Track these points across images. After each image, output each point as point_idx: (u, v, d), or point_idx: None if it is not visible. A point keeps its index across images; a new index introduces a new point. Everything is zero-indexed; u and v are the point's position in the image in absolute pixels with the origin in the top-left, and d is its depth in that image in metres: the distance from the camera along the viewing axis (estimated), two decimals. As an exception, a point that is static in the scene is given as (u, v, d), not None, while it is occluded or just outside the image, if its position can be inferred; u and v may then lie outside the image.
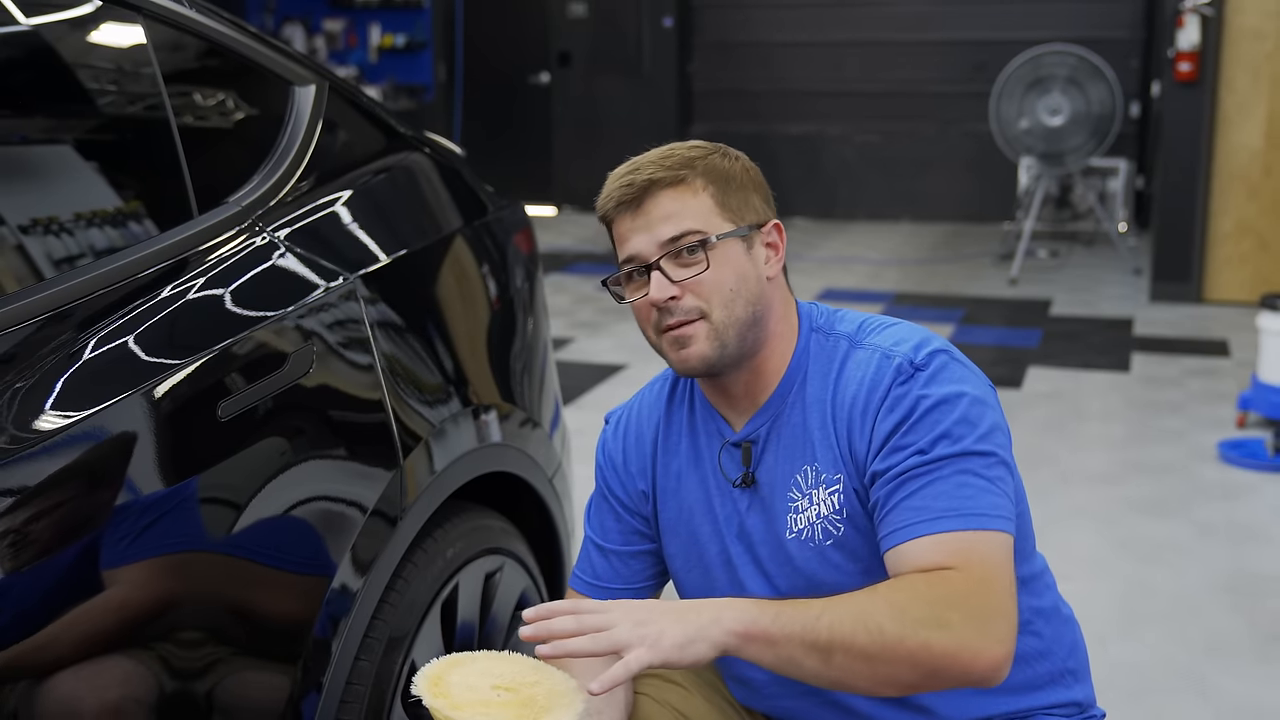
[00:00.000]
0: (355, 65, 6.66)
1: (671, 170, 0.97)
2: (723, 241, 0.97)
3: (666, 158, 0.98)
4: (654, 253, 0.97)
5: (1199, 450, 3.00)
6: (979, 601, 0.88)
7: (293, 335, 1.12)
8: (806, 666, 0.86)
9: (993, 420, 0.96)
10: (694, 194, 0.98)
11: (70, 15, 1.13)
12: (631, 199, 0.97)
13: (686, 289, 0.97)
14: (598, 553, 1.10)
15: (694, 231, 0.97)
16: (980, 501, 0.91)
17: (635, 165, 0.99)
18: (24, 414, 0.89)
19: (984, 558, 0.90)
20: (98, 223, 1.08)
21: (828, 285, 5.02)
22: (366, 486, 1.17)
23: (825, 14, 6.42)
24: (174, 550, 0.96)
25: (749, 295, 0.98)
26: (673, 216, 0.97)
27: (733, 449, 1.03)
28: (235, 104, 1.33)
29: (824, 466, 0.98)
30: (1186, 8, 4.37)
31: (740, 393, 1.02)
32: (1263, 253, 4.51)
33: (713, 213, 0.98)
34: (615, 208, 0.98)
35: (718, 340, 0.97)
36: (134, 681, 0.92)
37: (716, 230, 0.97)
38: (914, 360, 0.96)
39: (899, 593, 0.88)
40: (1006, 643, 0.88)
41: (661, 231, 0.97)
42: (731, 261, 0.98)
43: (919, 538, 0.91)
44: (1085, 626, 1.23)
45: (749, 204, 1.01)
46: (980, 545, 0.90)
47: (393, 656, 1.19)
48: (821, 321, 1.04)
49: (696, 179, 0.98)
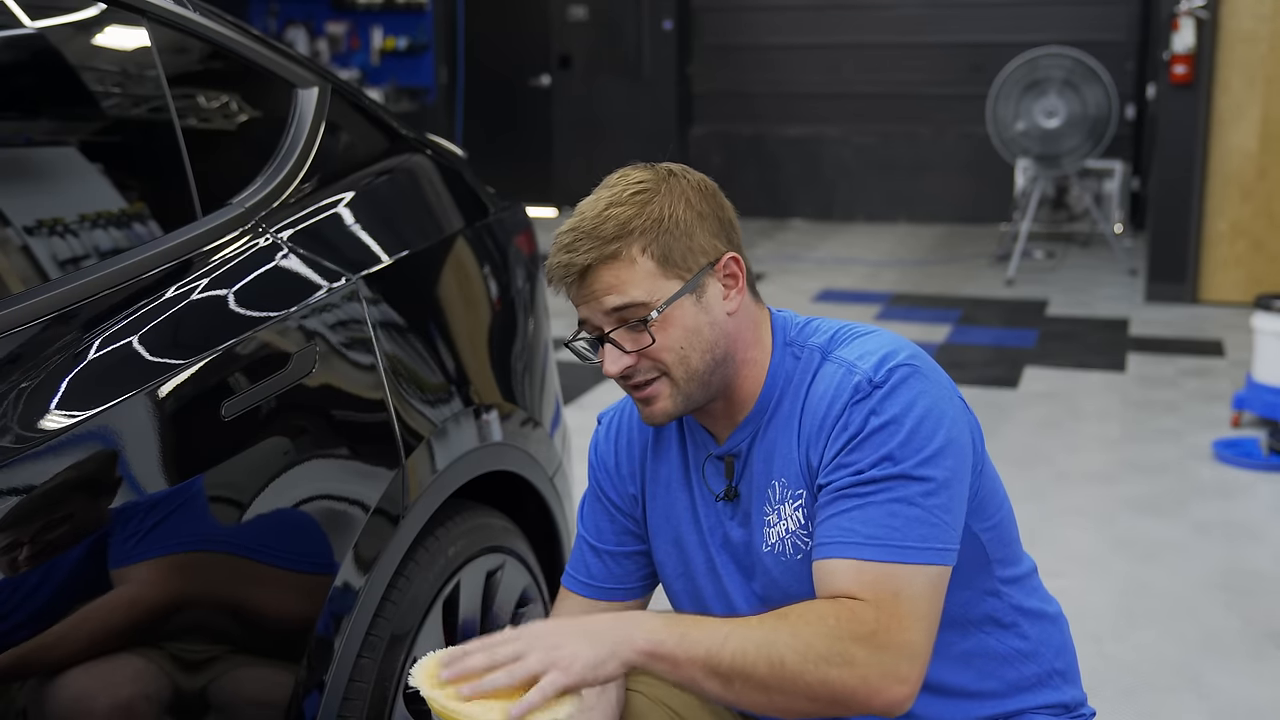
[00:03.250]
0: (357, 68, 6.67)
1: (605, 245, 0.95)
2: (669, 306, 0.96)
3: (602, 224, 0.95)
4: (605, 323, 0.97)
5: (1194, 450, 3.01)
6: (886, 638, 0.88)
7: (295, 335, 1.13)
8: (707, 688, 0.88)
9: (944, 439, 0.94)
10: (631, 264, 0.95)
11: (75, 18, 1.14)
12: (574, 278, 0.97)
13: (641, 356, 0.97)
14: (591, 552, 1.11)
15: (637, 304, 0.95)
16: (909, 532, 0.91)
17: (573, 237, 0.96)
18: (30, 413, 0.90)
19: (898, 592, 0.90)
20: (102, 224, 1.08)
21: (826, 286, 5.03)
22: (369, 485, 1.17)
23: (824, 17, 6.43)
24: (178, 549, 0.97)
25: (704, 346, 0.98)
26: (614, 289, 0.96)
27: (716, 462, 1.03)
28: (239, 106, 1.34)
29: (790, 482, 0.99)
30: (1181, 11, 4.39)
31: (719, 413, 1.03)
32: (1257, 254, 4.53)
33: (655, 276, 0.96)
34: (560, 284, 0.98)
35: (680, 394, 0.98)
36: (144, 679, 0.93)
37: (662, 295, 0.96)
38: (873, 378, 0.95)
39: (807, 625, 0.88)
40: (909, 681, 0.88)
41: (607, 302, 0.96)
42: (679, 323, 0.96)
43: (841, 559, 0.91)
44: (1080, 625, 1.24)
45: (695, 249, 0.97)
46: (897, 578, 0.90)
47: (395, 654, 1.19)
48: (794, 334, 1.03)
49: (632, 247, 0.95)
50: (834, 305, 4.68)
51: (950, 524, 0.93)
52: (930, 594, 0.91)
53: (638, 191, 0.97)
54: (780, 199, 6.64)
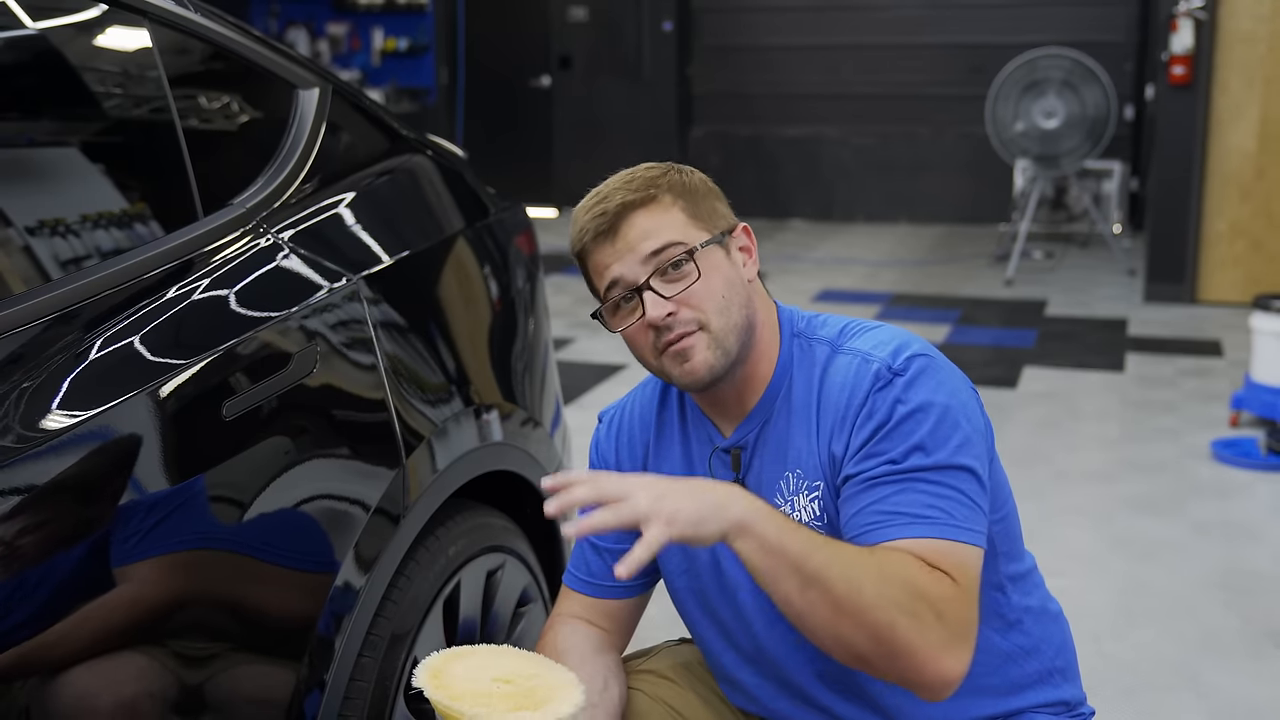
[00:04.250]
0: (358, 68, 6.67)
1: (639, 191, 0.97)
2: (705, 250, 0.97)
3: (630, 181, 0.99)
4: (641, 273, 0.97)
5: (1193, 449, 3.02)
6: (959, 614, 0.88)
7: (296, 335, 1.13)
8: (783, 584, 0.87)
9: (968, 430, 0.94)
10: (666, 209, 0.97)
11: (76, 19, 1.14)
12: (607, 227, 0.97)
13: (680, 303, 0.97)
14: (592, 551, 1.11)
15: (676, 243, 0.96)
16: (956, 513, 0.91)
17: (601, 194, 0.98)
18: (31, 413, 0.90)
19: (967, 571, 0.90)
20: (104, 224, 1.09)
21: (825, 286, 5.03)
22: (369, 485, 1.18)
23: (823, 18, 6.44)
24: (180, 548, 0.97)
25: (740, 300, 0.99)
26: (651, 233, 0.96)
27: (723, 455, 1.03)
28: (240, 107, 1.34)
29: (805, 473, 0.98)
30: (1180, 11, 4.39)
31: (730, 400, 1.02)
32: (1255, 254, 4.54)
33: (688, 225, 0.98)
34: (592, 239, 0.98)
35: (719, 348, 0.97)
36: (146, 677, 0.93)
37: (696, 240, 0.98)
38: (892, 366, 0.95)
39: (894, 568, 0.88)
40: (965, 665, 0.88)
41: (643, 249, 0.96)
42: (718, 268, 0.98)
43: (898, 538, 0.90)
44: (1079, 624, 1.24)
45: (717, 212, 1.01)
46: (962, 554, 0.90)
47: (395, 654, 1.20)
48: (802, 326, 1.04)
49: (665, 195, 0.98)
50: (834, 305, 4.68)
51: (983, 510, 0.94)
52: (978, 576, 0.91)
53: (652, 167, 1.02)
54: (780, 199, 6.64)
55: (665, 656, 1.15)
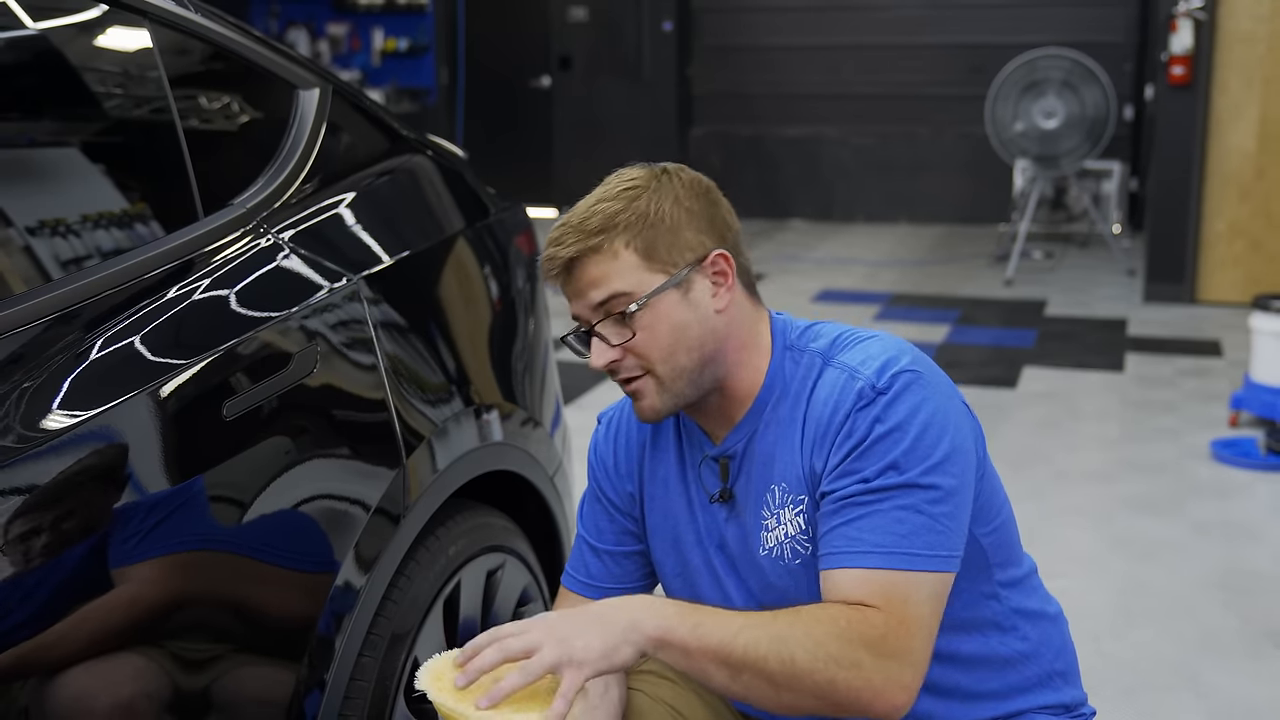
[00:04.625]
0: (358, 69, 6.67)
1: (590, 238, 0.96)
2: (653, 300, 0.97)
3: (588, 219, 0.97)
4: (590, 317, 0.98)
5: (1192, 449, 3.02)
6: (894, 645, 0.89)
7: (297, 335, 1.13)
8: (715, 679, 0.90)
9: (949, 446, 0.94)
10: (615, 257, 0.96)
11: (77, 19, 1.14)
12: (559, 271, 0.99)
13: (626, 350, 0.98)
14: (590, 552, 1.11)
15: (621, 295, 0.96)
16: (915, 540, 0.91)
17: (561, 231, 0.98)
18: (32, 413, 0.90)
19: (906, 598, 0.91)
20: (104, 224, 1.09)
21: (825, 286, 5.03)
22: (370, 485, 1.18)
23: (823, 18, 6.44)
24: (180, 548, 0.97)
25: (690, 343, 0.98)
26: (598, 282, 0.97)
27: (712, 463, 1.04)
28: (240, 107, 1.34)
29: (790, 487, 0.99)
30: (1179, 12, 4.40)
31: (715, 411, 1.03)
32: (1255, 254, 4.54)
33: (639, 269, 0.96)
34: (548, 278, 1.00)
35: (667, 392, 0.99)
36: (145, 678, 0.93)
37: (645, 288, 0.96)
38: (876, 384, 0.95)
39: (820, 625, 0.89)
40: (910, 689, 0.90)
41: (591, 297, 0.97)
42: (664, 317, 0.97)
43: (848, 568, 0.92)
44: (1079, 624, 1.24)
45: (681, 245, 0.98)
46: (905, 586, 0.91)
47: (395, 653, 1.20)
48: (795, 338, 1.03)
49: (616, 240, 0.96)
50: (833, 305, 4.68)
51: (955, 530, 0.94)
52: (934, 601, 0.93)
53: (627, 188, 0.99)
54: (779, 199, 6.65)
55: (665, 657, 1.15)
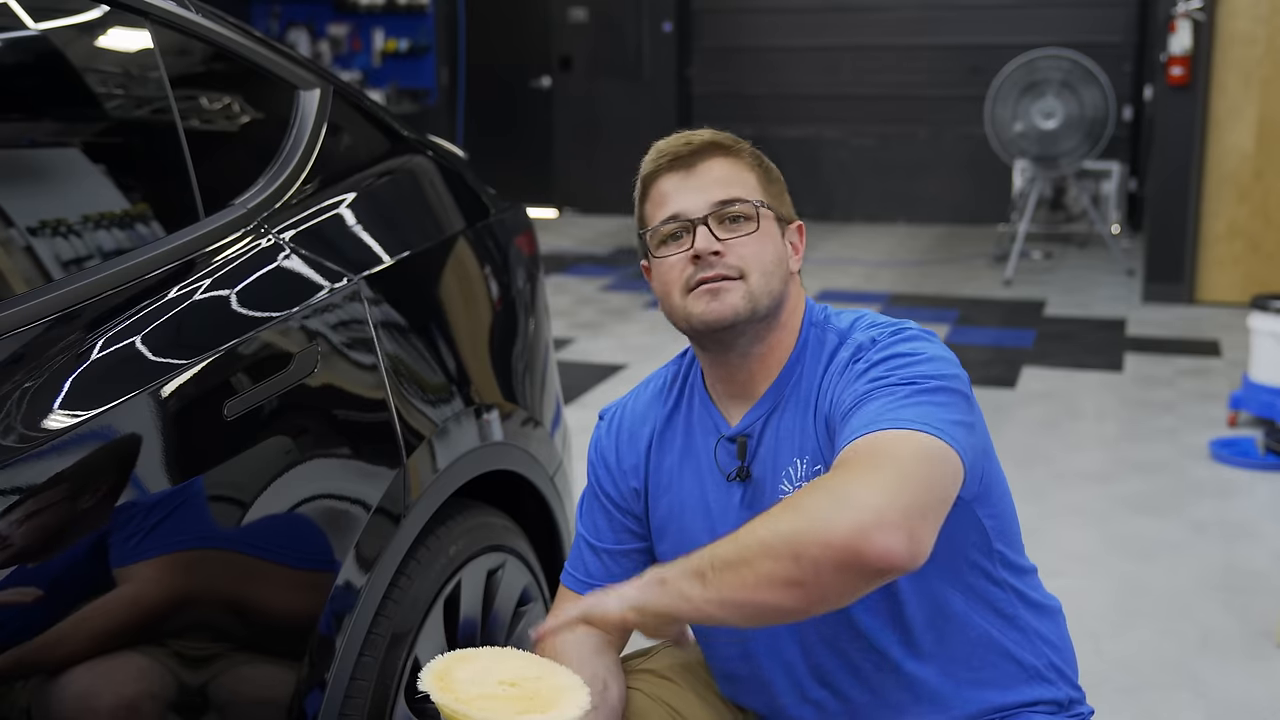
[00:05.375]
0: (359, 69, 6.67)
1: (728, 141, 1.03)
2: (769, 216, 1.02)
3: (718, 134, 1.03)
4: (703, 210, 1.00)
5: (1191, 449, 3.02)
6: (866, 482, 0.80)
7: (298, 336, 1.14)
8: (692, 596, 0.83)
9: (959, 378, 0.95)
10: (746, 168, 1.03)
11: (78, 20, 1.15)
12: (687, 156, 1.00)
13: (730, 248, 0.99)
14: (590, 551, 1.11)
15: (744, 200, 1.00)
16: (903, 413, 0.88)
17: (688, 135, 1.03)
18: (33, 413, 0.90)
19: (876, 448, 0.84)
20: (105, 225, 1.09)
21: (825, 286, 5.04)
22: (370, 484, 1.18)
23: (822, 19, 6.45)
24: (181, 548, 0.98)
25: (782, 275, 1.03)
26: (724, 181, 1.00)
27: (728, 443, 1.04)
28: (241, 108, 1.34)
29: (811, 457, 1.00)
30: (1178, 13, 4.40)
31: (743, 379, 1.03)
32: (1253, 254, 4.54)
33: (759, 190, 1.03)
34: (669, 164, 1.00)
35: (750, 301, 1.00)
36: (147, 677, 0.93)
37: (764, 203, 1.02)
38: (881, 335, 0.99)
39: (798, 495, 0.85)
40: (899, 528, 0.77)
41: (713, 193, 1.00)
42: (774, 239, 1.02)
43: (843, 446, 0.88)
44: (1078, 623, 1.25)
45: (784, 199, 1.07)
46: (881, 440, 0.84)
47: (396, 653, 1.20)
48: (820, 318, 1.07)
49: (749, 156, 1.04)
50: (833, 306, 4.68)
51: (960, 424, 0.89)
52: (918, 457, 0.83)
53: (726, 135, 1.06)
54: (779, 200, 6.64)
55: (664, 656, 1.15)
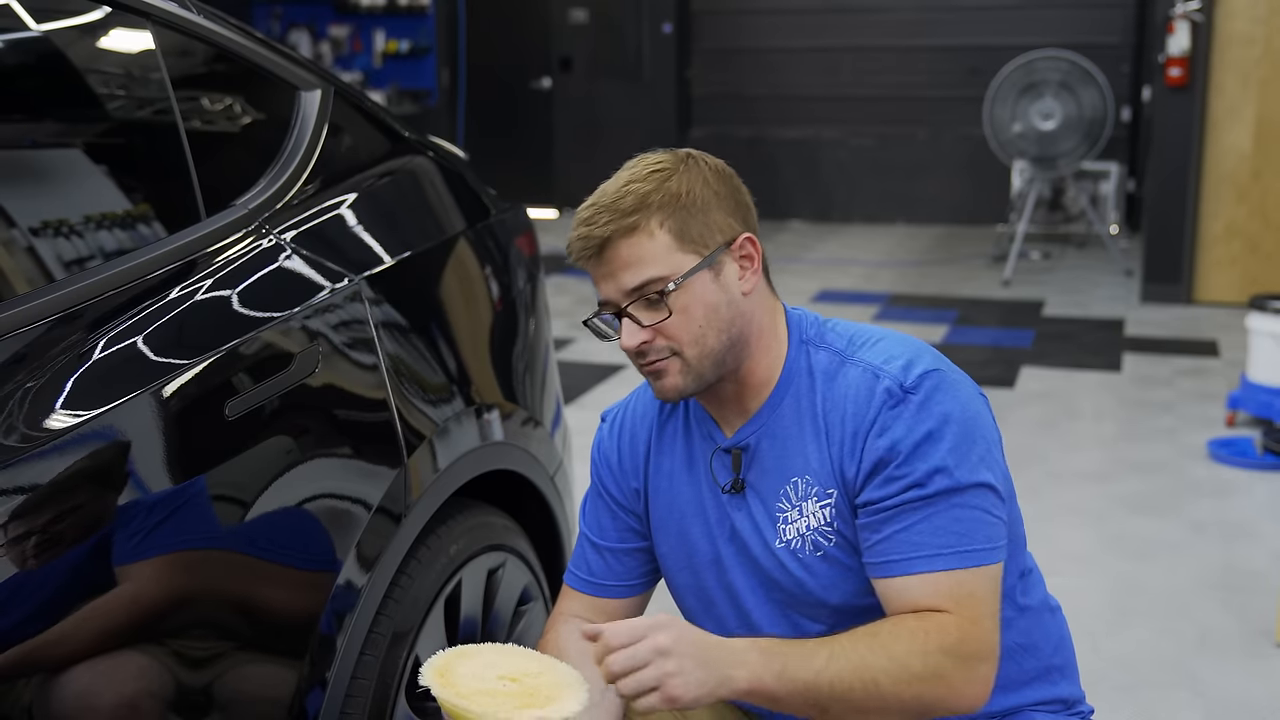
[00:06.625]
0: (360, 70, 6.68)
1: (624, 218, 0.96)
2: (686, 281, 0.97)
3: (621, 199, 0.97)
4: (621, 300, 0.98)
5: (1189, 449, 3.03)
6: (970, 647, 0.93)
7: (299, 336, 1.14)
8: (805, 714, 0.94)
9: (984, 442, 0.97)
10: (650, 237, 0.96)
11: (80, 21, 1.15)
12: (591, 252, 0.98)
13: (656, 332, 0.98)
14: (592, 550, 1.12)
15: (655, 280, 0.96)
16: (974, 537, 0.94)
17: (593, 211, 0.97)
18: (35, 413, 0.91)
19: (973, 595, 0.94)
20: (107, 225, 1.09)
21: (824, 287, 5.04)
22: (371, 484, 1.18)
23: (822, 20, 6.45)
24: (183, 547, 0.98)
25: (720, 324, 0.98)
26: (632, 264, 0.96)
27: (723, 455, 1.04)
28: (242, 108, 1.35)
29: (816, 480, 1.00)
30: (1177, 14, 4.41)
31: (730, 399, 1.03)
32: (1252, 254, 4.55)
33: (672, 250, 0.97)
34: (579, 251, 0.99)
35: (692, 374, 0.99)
36: (148, 676, 0.94)
37: (679, 270, 0.97)
38: (904, 384, 0.96)
39: (899, 642, 0.92)
40: (988, 682, 0.95)
41: (624, 280, 0.97)
42: (697, 298, 0.97)
43: (914, 574, 0.94)
44: (1076, 623, 1.25)
45: (712, 226, 0.99)
46: (971, 583, 0.94)
47: (397, 652, 1.20)
48: (812, 333, 1.04)
49: (650, 220, 0.96)
50: (832, 306, 4.69)
51: (1004, 520, 0.98)
52: (996, 591, 0.96)
53: (656, 170, 0.99)
54: (778, 201, 6.65)
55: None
